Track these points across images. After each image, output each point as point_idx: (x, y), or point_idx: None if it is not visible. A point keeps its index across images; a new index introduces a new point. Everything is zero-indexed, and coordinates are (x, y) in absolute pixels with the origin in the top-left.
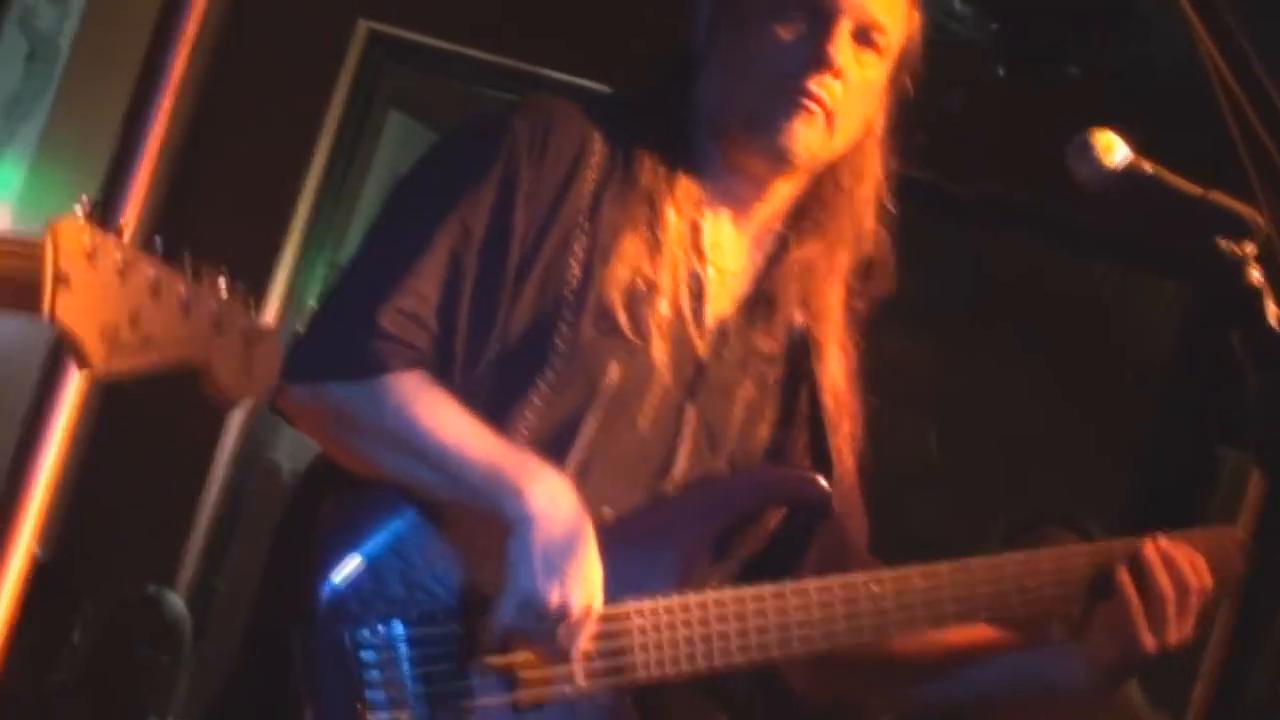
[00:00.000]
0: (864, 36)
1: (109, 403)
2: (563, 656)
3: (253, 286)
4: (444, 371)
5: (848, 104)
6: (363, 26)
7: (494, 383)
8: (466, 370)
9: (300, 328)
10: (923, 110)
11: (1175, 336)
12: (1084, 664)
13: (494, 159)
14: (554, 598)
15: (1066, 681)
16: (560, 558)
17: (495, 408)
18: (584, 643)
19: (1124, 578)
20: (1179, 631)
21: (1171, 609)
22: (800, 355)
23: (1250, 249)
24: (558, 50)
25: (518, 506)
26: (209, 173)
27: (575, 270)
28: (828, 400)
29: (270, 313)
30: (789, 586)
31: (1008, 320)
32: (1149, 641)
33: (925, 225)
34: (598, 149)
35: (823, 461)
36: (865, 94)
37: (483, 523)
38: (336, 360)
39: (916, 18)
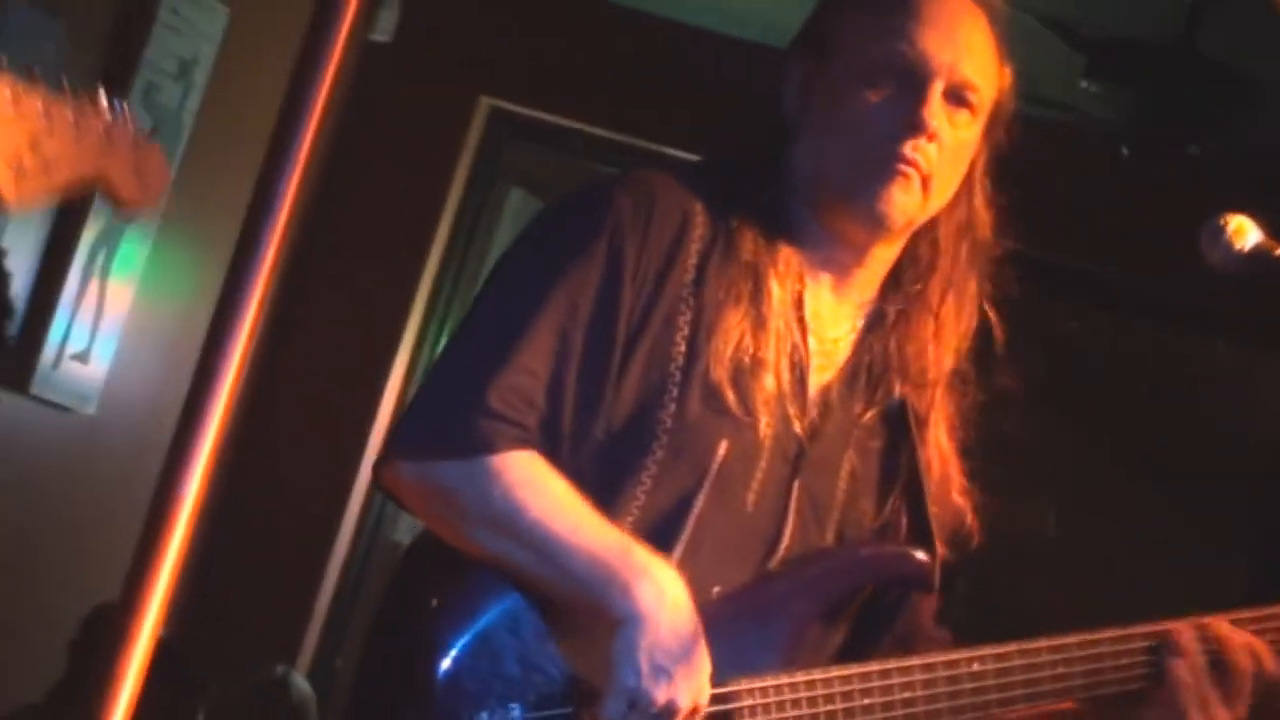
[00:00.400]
0: (957, 96)
1: (232, 483)
2: None
3: (375, 360)
4: (551, 450)
5: (942, 166)
6: (484, 103)
7: (602, 462)
8: (573, 449)
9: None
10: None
11: None
12: None
13: (599, 234)
14: (660, 698)
15: None
16: (668, 658)
17: (604, 487)
18: None
19: (1171, 660)
20: (1228, 714)
21: (1214, 692)
22: (900, 424)
23: None
24: (677, 127)
25: (624, 604)
26: (333, 248)
27: (681, 347)
28: (929, 470)
29: (392, 386)
30: (894, 664)
31: (1128, 400)
32: None
33: (1046, 305)
34: (699, 221)
35: (924, 534)
36: (959, 154)
37: (588, 615)
38: (445, 438)
39: (1007, 74)
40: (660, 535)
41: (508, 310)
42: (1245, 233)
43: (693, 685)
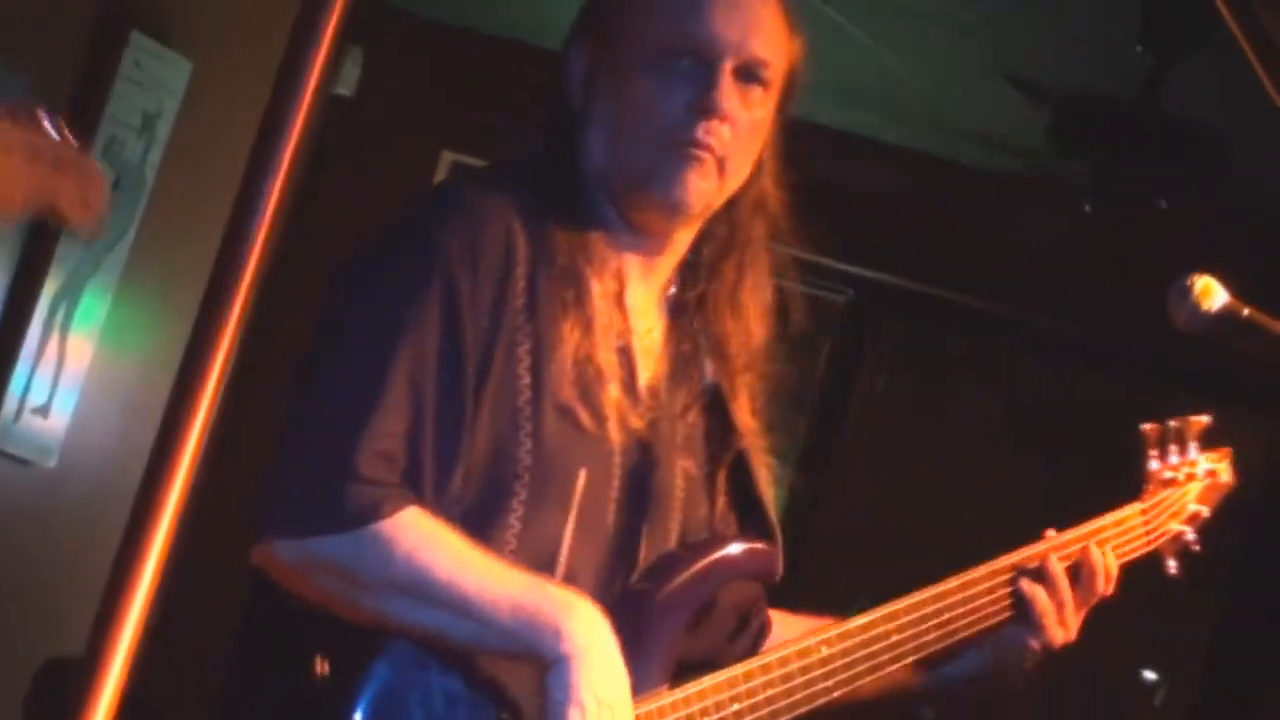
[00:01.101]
0: (748, 74)
1: (197, 535)
2: None
3: None
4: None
5: (737, 146)
6: (446, 157)
7: (466, 512)
8: (434, 497)
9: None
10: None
11: (1263, 469)
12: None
13: (430, 276)
14: None
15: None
16: (606, 690)
17: (472, 534)
18: None
19: (1034, 588)
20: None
21: (1072, 608)
22: (716, 407)
23: None
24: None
25: (556, 646)
26: (297, 302)
27: (526, 379)
28: (750, 453)
29: None
30: (759, 663)
31: (1090, 453)
32: (1054, 639)
33: (1013, 358)
34: (521, 241)
35: (760, 523)
36: (754, 133)
37: (501, 658)
38: (324, 512)
39: (797, 44)
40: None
41: (355, 369)
42: (1212, 293)
43: (629, 712)
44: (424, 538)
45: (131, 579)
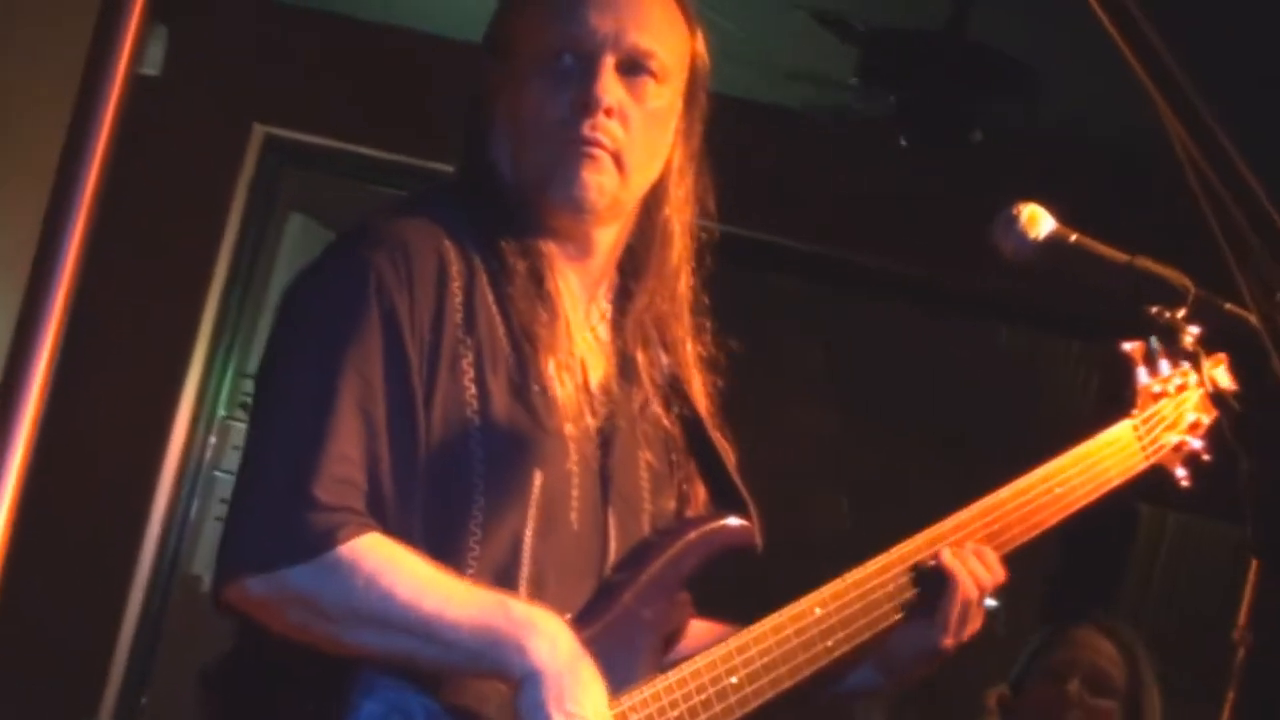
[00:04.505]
0: (632, 66)
1: (26, 525)
2: None
3: (162, 395)
4: (379, 523)
5: (633, 140)
6: (259, 130)
7: (428, 522)
8: (398, 516)
9: (221, 468)
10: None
11: (1094, 396)
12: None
13: (367, 301)
14: None
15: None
16: (575, 703)
17: (437, 546)
18: None
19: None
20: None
21: (971, 610)
22: (674, 397)
23: (1181, 314)
24: (453, 144)
25: (523, 663)
26: (112, 281)
27: (471, 390)
28: (712, 433)
29: (181, 421)
30: (749, 635)
31: (914, 389)
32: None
33: (834, 300)
34: (453, 258)
35: (732, 498)
36: (652, 124)
37: (471, 678)
38: (285, 543)
39: (698, 35)
40: (501, 579)
41: (304, 401)
42: (1038, 220)
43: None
44: (383, 563)
45: None
